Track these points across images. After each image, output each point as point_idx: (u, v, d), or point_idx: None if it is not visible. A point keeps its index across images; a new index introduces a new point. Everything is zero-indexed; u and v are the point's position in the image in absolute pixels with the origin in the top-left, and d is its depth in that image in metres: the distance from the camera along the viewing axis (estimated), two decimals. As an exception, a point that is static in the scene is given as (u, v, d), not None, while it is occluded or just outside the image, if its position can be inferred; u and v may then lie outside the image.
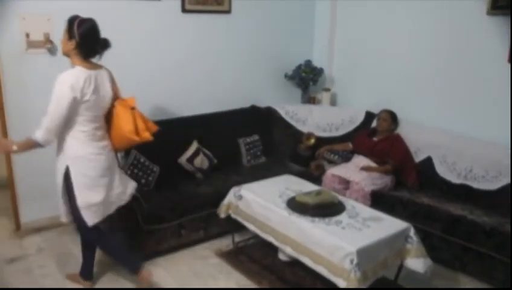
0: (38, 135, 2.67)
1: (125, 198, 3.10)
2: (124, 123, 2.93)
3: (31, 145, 2.71)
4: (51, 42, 3.71)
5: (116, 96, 3.01)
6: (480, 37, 3.93)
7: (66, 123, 2.75)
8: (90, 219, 2.91)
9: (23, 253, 3.62)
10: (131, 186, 3.16)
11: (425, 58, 4.37)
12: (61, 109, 2.67)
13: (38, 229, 3.84)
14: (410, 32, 4.48)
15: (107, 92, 2.89)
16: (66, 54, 2.83)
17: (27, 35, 3.61)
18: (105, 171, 2.92)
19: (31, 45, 3.65)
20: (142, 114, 3.06)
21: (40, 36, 3.67)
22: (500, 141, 3.80)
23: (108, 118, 2.99)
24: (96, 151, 2.88)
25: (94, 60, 2.87)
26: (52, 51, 3.74)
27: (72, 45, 2.75)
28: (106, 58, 4.07)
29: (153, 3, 4.15)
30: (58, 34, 3.70)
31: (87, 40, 2.76)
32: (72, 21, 2.77)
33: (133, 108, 2.98)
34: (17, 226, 3.91)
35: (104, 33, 3.98)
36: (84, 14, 3.83)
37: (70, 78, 2.70)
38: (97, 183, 2.89)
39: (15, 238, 3.82)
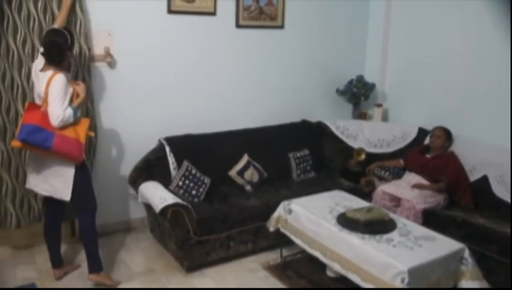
0: None
1: (37, 189, 3.24)
2: None
3: None
4: (111, 56, 3.86)
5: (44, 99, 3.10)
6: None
7: None
8: None
9: (77, 258, 3.74)
10: (46, 186, 3.21)
11: (482, 72, 4.23)
12: None
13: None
14: (466, 46, 4.36)
15: (39, 87, 3.08)
16: None
17: (89, 49, 3.76)
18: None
19: (93, 58, 3.81)
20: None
21: (101, 50, 3.83)
22: None
23: None
24: None
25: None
26: (111, 64, 3.90)
27: None
28: (161, 70, 4.20)
29: (209, 18, 4.26)
30: (118, 48, 3.89)
31: (44, 48, 3.11)
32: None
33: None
34: (73, 231, 4.06)
35: (160, 47, 4.14)
36: (141, 30, 4.02)
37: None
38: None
39: (70, 243, 3.95)
